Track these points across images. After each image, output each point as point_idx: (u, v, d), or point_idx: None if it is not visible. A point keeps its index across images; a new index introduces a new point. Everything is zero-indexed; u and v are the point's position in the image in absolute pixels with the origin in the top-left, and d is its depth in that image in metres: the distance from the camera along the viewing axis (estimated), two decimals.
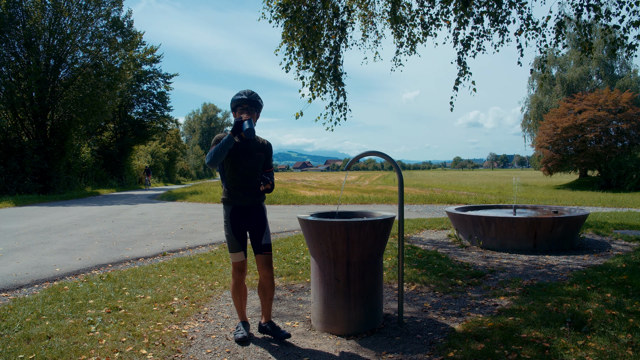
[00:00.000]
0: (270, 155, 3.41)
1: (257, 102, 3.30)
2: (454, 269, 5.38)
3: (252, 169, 3.28)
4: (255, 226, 3.34)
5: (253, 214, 3.34)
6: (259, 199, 3.36)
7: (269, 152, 3.39)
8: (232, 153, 3.24)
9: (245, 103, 3.25)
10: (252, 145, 3.32)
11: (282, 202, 16.64)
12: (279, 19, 7.56)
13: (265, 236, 3.35)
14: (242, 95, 3.26)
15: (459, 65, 7.34)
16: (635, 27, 6.23)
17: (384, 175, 67.46)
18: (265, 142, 3.40)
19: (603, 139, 27.27)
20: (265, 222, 3.39)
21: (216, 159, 3.08)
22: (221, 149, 3.06)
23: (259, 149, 3.34)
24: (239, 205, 3.30)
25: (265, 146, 3.39)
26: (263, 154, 3.34)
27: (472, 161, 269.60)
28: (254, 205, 3.34)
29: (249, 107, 3.25)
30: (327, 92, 7.99)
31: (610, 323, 3.34)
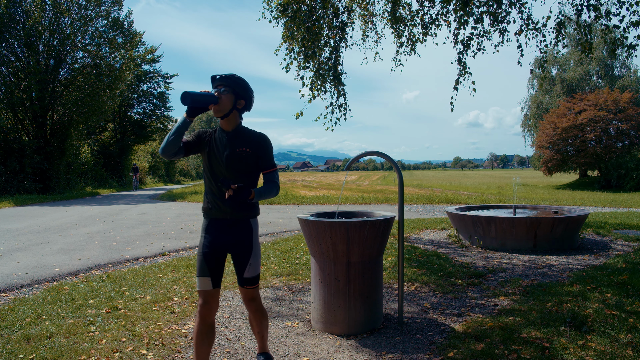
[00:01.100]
0: (266, 152, 2.58)
1: (234, 81, 2.54)
2: (454, 269, 5.38)
3: (232, 169, 2.51)
4: (238, 250, 2.56)
5: (236, 232, 2.55)
6: (245, 212, 2.55)
7: (262, 148, 2.57)
8: (208, 145, 2.60)
9: (219, 82, 2.54)
10: (235, 137, 2.56)
11: (282, 202, 16.64)
12: (279, 19, 7.56)
13: (251, 267, 2.57)
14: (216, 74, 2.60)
15: (459, 65, 7.34)
16: (635, 27, 6.23)
17: (384, 175, 67.47)
18: (257, 135, 2.59)
19: (603, 139, 27.26)
20: (252, 246, 2.58)
21: (167, 146, 2.42)
22: (173, 133, 2.42)
23: (245, 143, 2.54)
24: (215, 217, 2.56)
25: (256, 140, 2.57)
26: (250, 150, 2.53)
27: (472, 161, 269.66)
28: (237, 221, 2.55)
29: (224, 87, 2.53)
30: (327, 92, 7.99)
31: (610, 323, 3.34)
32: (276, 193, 2.58)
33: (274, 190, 2.56)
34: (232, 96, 2.52)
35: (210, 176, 2.57)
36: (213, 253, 2.54)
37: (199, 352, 2.52)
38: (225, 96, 2.50)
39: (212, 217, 2.57)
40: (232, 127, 2.58)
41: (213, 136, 2.62)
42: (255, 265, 2.61)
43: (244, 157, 2.53)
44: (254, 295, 2.66)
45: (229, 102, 2.51)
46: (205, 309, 2.51)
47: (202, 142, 2.61)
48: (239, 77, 2.56)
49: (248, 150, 2.54)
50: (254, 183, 2.59)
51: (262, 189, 2.50)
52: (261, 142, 2.58)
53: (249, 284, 2.61)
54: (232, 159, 2.52)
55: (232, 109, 2.53)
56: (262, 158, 2.58)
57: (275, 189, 2.57)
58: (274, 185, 2.56)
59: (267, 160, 2.59)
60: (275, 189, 2.56)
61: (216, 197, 2.53)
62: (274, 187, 2.56)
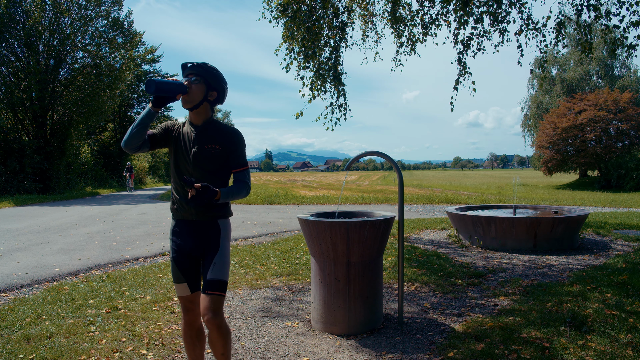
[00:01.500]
0: (237, 149, 2.38)
1: (207, 70, 2.33)
2: (454, 269, 5.38)
3: (200, 167, 2.32)
4: (205, 250, 2.37)
5: (202, 234, 2.37)
6: (213, 212, 2.36)
7: (233, 145, 2.36)
8: (174, 140, 2.41)
9: (190, 70, 2.34)
10: (205, 132, 2.36)
11: (282, 202, 16.64)
12: (279, 19, 7.56)
13: (216, 267, 2.32)
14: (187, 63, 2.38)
15: (459, 65, 7.34)
16: (635, 27, 6.23)
17: (384, 175, 67.49)
18: (228, 131, 2.39)
19: (603, 139, 27.26)
20: (220, 247, 2.36)
21: (129, 139, 2.24)
22: (136, 125, 2.23)
23: (215, 139, 2.34)
24: (181, 219, 2.40)
25: (227, 136, 2.36)
26: (219, 147, 2.33)
27: (472, 161, 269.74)
28: (205, 222, 2.36)
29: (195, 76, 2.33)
30: (327, 92, 7.99)
31: (610, 323, 3.34)
32: (246, 194, 2.38)
33: (243, 191, 2.35)
34: (203, 86, 2.32)
35: (176, 174, 2.38)
36: (183, 257, 2.40)
37: (193, 357, 2.48)
38: (195, 86, 2.30)
39: (179, 219, 2.41)
40: (202, 121, 2.38)
41: (181, 130, 2.42)
42: (221, 267, 2.33)
43: (212, 154, 2.33)
44: (216, 308, 2.27)
45: (199, 93, 2.31)
46: (189, 315, 2.44)
47: (169, 135, 2.42)
48: (212, 66, 2.37)
49: (217, 147, 2.33)
50: (224, 182, 2.41)
51: (230, 189, 2.29)
52: (232, 139, 2.36)
53: (212, 289, 2.28)
54: (200, 156, 2.33)
55: (202, 100, 2.33)
56: (233, 156, 2.37)
57: (245, 189, 2.37)
58: (243, 186, 2.36)
59: (237, 158, 2.38)
60: (244, 190, 2.36)
61: (181, 196, 2.35)
62: (244, 187, 2.36)
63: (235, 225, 10.05)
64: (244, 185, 2.38)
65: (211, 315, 2.25)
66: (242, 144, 2.41)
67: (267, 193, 20.42)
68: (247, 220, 10.91)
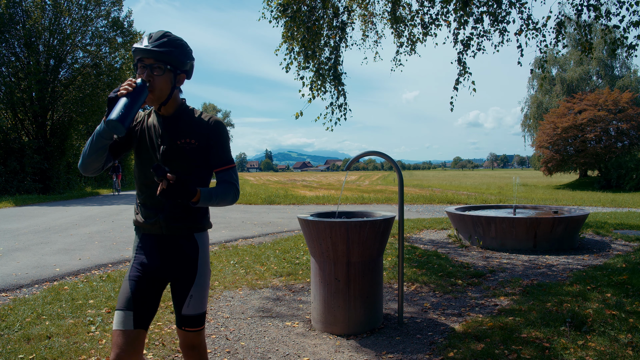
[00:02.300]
0: (219, 143, 1.90)
1: (169, 52, 1.77)
2: (454, 269, 5.38)
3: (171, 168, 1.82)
4: (177, 275, 1.91)
5: (174, 252, 1.90)
6: (188, 223, 1.90)
7: (214, 138, 1.88)
8: (136, 139, 1.92)
9: (147, 56, 1.76)
10: (176, 124, 1.88)
11: (282, 202, 16.64)
12: (279, 19, 7.56)
13: (193, 301, 1.89)
14: (141, 42, 1.78)
15: (459, 65, 7.35)
16: (635, 27, 6.23)
17: (384, 175, 67.50)
18: (206, 122, 1.90)
19: (603, 139, 27.27)
20: (198, 272, 1.91)
21: (86, 165, 1.81)
22: (93, 149, 1.77)
23: (188, 133, 1.87)
24: (148, 233, 1.92)
25: (205, 127, 1.89)
26: (195, 141, 1.86)
27: (472, 161, 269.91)
28: (178, 237, 1.90)
29: (156, 65, 1.77)
30: (327, 92, 8.00)
31: (610, 323, 3.34)
32: (233, 198, 1.88)
33: (230, 193, 1.86)
34: (169, 75, 1.80)
35: (140, 179, 1.91)
36: (143, 280, 1.86)
37: None
38: (159, 79, 1.77)
39: (145, 233, 1.93)
40: (172, 111, 1.89)
41: (144, 123, 1.93)
42: (199, 299, 1.89)
43: (188, 151, 1.85)
44: (195, 343, 1.93)
45: (166, 85, 1.80)
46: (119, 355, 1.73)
47: (132, 135, 1.93)
48: (173, 40, 1.80)
49: (193, 141, 1.86)
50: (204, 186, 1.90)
51: (214, 190, 1.81)
52: (212, 131, 1.88)
53: (189, 325, 1.89)
54: (172, 154, 1.85)
55: (171, 92, 1.83)
56: (214, 151, 1.89)
57: (233, 191, 1.87)
58: (230, 187, 1.87)
59: (220, 153, 1.89)
60: (232, 192, 1.87)
61: (148, 205, 1.89)
62: (231, 189, 1.87)
63: (235, 225, 10.05)
64: (231, 186, 1.88)
65: (191, 350, 1.94)
66: (226, 136, 1.92)
67: (267, 193, 20.42)
68: (247, 220, 10.91)
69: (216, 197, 1.81)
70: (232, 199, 1.89)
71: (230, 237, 8.36)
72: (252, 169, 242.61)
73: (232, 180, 1.90)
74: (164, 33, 1.81)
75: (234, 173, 1.93)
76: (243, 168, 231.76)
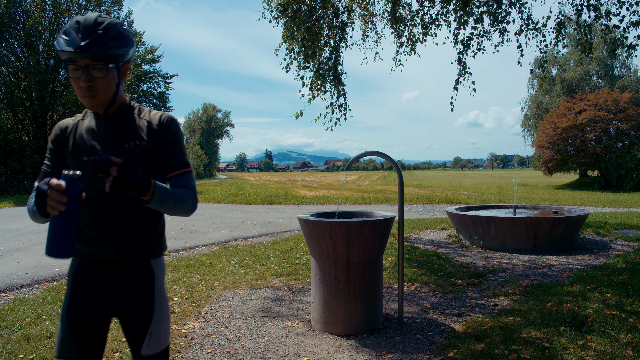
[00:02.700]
0: (174, 142, 1.63)
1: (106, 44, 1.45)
2: (454, 269, 5.38)
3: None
4: (129, 311, 1.59)
5: (127, 282, 1.58)
6: (145, 246, 1.60)
7: (166, 137, 1.62)
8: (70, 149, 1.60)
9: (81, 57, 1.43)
10: (120, 124, 1.60)
11: (282, 202, 16.64)
12: (279, 19, 7.56)
13: (153, 338, 1.59)
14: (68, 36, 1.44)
15: (459, 65, 7.34)
16: (635, 27, 6.23)
17: (384, 175, 67.50)
18: (156, 119, 1.64)
19: (603, 139, 27.27)
20: (155, 306, 1.60)
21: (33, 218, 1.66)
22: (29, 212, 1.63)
23: (136, 133, 1.59)
24: (90, 258, 1.59)
25: (155, 125, 1.62)
26: (147, 143, 1.59)
27: (472, 161, 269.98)
28: (125, 264, 1.58)
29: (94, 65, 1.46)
30: (327, 92, 7.99)
31: (610, 323, 3.34)
32: (192, 206, 1.60)
33: (189, 199, 1.57)
34: (112, 73, 1.50)
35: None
36: (87, 322, 1.56)
37: None
38: (102, 81, 1.48)
39: (84, 258, 1.60)
40: (116, 110, 1.60)
41: (80, 128, 1.61)
42: (160, 335, 1.60)
43: (139, 155, 1.57)
44: None
45: (109, 86, 1.51)
46: None
47: (64, 153, 1.61)
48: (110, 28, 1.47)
49: (144, 143, 1.58)
50: None
51: (171, 189, 1.53)
52: (165, 129, 1.61)
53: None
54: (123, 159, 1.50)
55: (116, 89, 1.55)
56: (167, 153, 1.61)
57: (192, 196, 1.59)
58: (189, 193, 1.59)
59: (174, 156, 1.62)
60: (191, 197, 1.59)
61: (92, 222, 1.56)
62: (190, 194, 1.59)
63: (235, 225, 10.06)
64: (190, 192, 1.60)
65: None
66: (180, 135, 1.65)
67: (267, 193, 20.42)
68: (247, 220, 10.91)
69: (173, 198, 1.51)
70: (191, 207, 1.59)
71: (230, 237, 8.37)
72: (252, 169, 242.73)
73: (189, 185, 1.62)
74: (96, 20, 1.46)
75: (191, 179, 1.64)
76: (243, 168, 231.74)
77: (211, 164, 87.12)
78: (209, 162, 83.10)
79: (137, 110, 1.67)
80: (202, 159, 73.67)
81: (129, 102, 1.67)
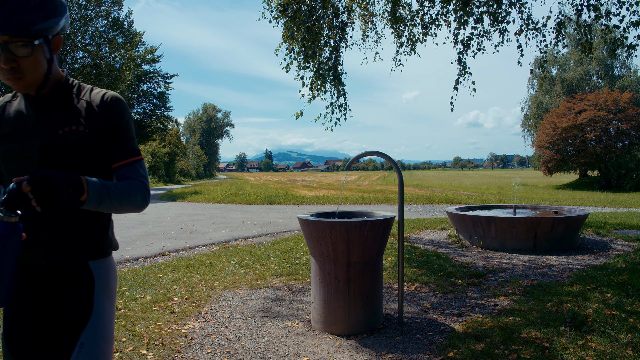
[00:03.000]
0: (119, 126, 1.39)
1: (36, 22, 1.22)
2: (454, 269, 5.38)
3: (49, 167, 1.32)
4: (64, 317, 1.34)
5: (62, 289, 1.36)
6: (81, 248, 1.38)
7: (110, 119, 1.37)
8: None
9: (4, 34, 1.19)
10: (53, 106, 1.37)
11: (282, 202, 16.64)
12: (279, 19, 7.56)
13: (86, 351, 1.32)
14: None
15: (459, 65, 7.35)
16: (635, 27, 6.23)
17: (384, 175, 67.50)
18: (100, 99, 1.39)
19: (603, 139, 27.27)
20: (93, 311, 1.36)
21: None
22: None
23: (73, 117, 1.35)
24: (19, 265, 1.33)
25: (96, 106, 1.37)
26: (84, 127, 1.34)
27: (472, 161, 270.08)
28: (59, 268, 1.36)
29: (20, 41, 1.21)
30: (327, 92, 7.99)
31: (610, 323, 3.34)
32: (141, 200, 1.35)
33: (137, 192, 1.33)
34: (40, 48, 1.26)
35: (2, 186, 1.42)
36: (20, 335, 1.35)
37: None
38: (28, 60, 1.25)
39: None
40: (49, 90, 1.37)
41: (5, 114, 1.38)
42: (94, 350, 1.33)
43: (75, 142, 1.32)
44: None
45: (40, 64, 1.28)
46: None
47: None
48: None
49: (82, 128, 1.32)
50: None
51: (112, 183, 1.29)
52: (108, 111, 1.36)
53: None
54: (53, 151, 1.31)
55: (49, 67, 1.32)
56: (111, 139, 1.36)
57: (140, 190, 1.35)
58: (137, 185, 1.35)
59: (119, 142, 1.37)
60: (139, 190, 1.34)
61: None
62: (138, 186, 1.35)
63: (235, 225, 10.06)
64: (139, 184, 1.36)
65: None
66: (127, 117, 1.40)
67: (267, 193, 20.42)
68: (247, 220, 10.91)
69: (116, 194, 1.27)
70: (141, 202, 1.35)
71: (230, 237, 8.37)
72: (252, 169, 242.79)
73: (138, 177, 1.38)
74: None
75: (141, 168, 1.40)
76: (243, 168, 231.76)
77: (211, 164, 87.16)
78: (209, 162, 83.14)
79: (77, 88, 1.40)
80: (202, 159, 73.71)
81: (67, 79, 1.40)
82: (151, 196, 2.63)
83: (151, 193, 11.28)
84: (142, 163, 1.43)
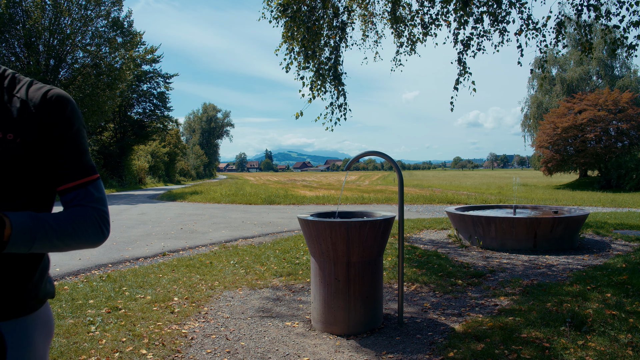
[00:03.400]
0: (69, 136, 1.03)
1: None
2: (454, 269, 5.38)
3: None
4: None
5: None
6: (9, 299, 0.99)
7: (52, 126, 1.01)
8: None
9: None
10: None
11: (282, 202, 16.64)
12: (279, 19, 7.56)
13: None
14: None
15: (459, 65, 7.35)
16: (635, 27, 6.23)
17: (384, 175, 67.49)
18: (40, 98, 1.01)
19: (603, 139, 27.27)
20: None
21: None
22: None
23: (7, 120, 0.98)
24: None
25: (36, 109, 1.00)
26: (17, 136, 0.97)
27: (472, 161, 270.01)
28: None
29: None
30: (327, 92, 8.00)
31: (610, 323, 3.34)
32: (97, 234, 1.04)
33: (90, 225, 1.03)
34: None
35: None
36: None
37: None
38: None
39: None
40: None
41: None
42: None
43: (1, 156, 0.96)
44: None
45: None
46: None
47: None
48: None
49: (9, 136, 0.97)
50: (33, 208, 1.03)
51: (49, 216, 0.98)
52: (51, 115, 1.02)
53: None
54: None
55: None
56: (57, 153, 1.03)
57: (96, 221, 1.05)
58: (89, 215, 1.04)
59: (69, 157, 1.05)
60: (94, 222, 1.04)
61: None
62: (90, 216, 1.04)
63: (235, 225, 10.05)
64: (91, 213, 1.04)
65: None
66: (77, 124, 1.06)
67: (267, 193, 20.42)
68: (247, 220, 10.91)
69: (56, 229, 0.96)
70: (96, 235, 1.04)
71: (230, 237, 8.36)
72: (252, 169, 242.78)
73: (89, 203, 1.05)
74: None
75: (96, 190, 1.07)
76: (243, 168, 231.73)
77: (211, 164, 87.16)
78: (209, 162, 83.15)
79: (9, 82, 1.03)
80: (202, 159, 73.70)
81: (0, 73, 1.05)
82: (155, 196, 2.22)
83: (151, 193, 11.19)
84: (98, 184, 1.08)
